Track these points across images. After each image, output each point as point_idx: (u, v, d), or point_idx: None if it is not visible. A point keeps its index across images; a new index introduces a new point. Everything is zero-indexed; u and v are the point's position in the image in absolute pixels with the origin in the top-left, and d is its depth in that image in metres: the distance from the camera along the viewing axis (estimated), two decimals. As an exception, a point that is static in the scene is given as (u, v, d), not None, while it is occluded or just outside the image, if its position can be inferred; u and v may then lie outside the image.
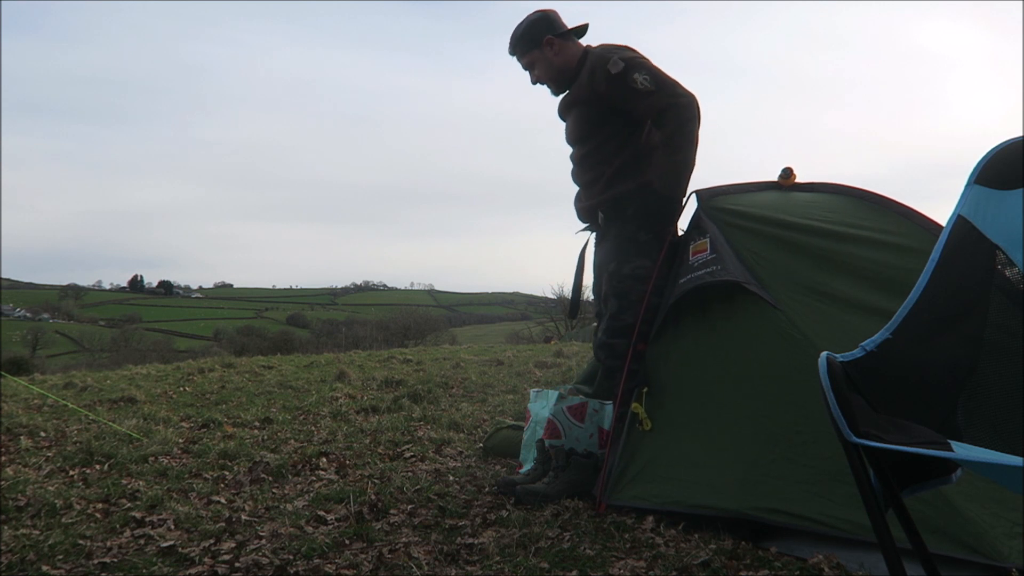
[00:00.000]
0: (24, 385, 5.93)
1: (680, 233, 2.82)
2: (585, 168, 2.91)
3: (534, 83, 2.97)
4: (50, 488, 2.98)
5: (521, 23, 2.90)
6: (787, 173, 2.86)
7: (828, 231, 2.50)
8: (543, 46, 2.85)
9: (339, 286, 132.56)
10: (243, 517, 2.57)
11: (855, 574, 1.94)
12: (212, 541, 2.35)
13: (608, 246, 2.92)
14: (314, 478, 3.13)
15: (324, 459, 3.42)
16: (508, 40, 2.95)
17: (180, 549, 2.27)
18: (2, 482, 3.04)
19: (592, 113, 2.81)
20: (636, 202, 2.80)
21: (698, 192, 2.76)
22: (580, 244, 3.11)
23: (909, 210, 2.54)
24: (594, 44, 2.90)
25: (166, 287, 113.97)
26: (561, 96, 3.00)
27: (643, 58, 2.74)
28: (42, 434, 4.13)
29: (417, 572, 2.05)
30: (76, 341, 62.33)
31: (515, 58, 2.97)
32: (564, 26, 2.89)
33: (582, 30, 2.92)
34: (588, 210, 2.94)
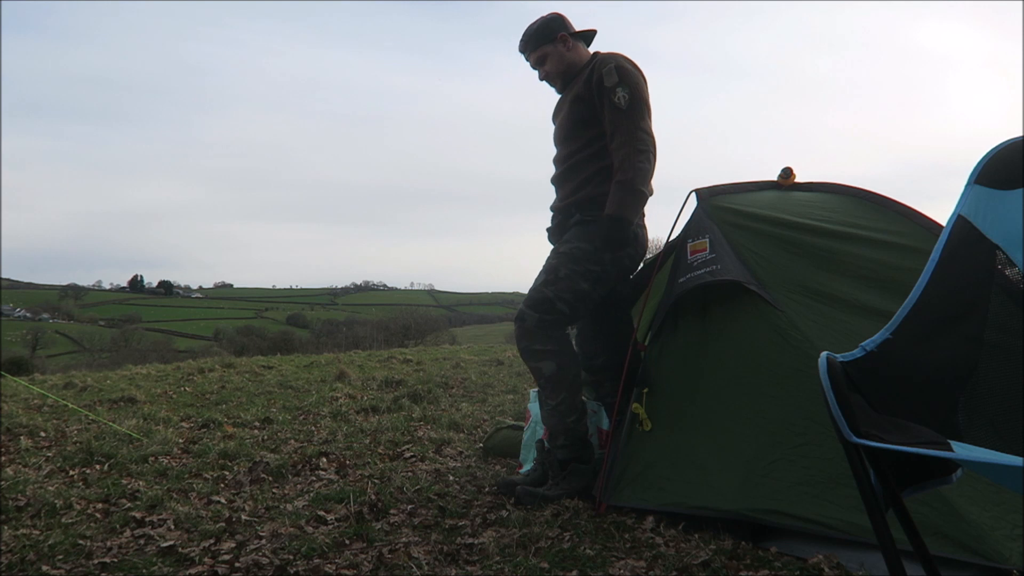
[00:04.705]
0: (24, 385, 5.93)
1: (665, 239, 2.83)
2: (567, 168, 2.92)
3: (542, 78, 3.05)
4: (50, 488, 2.98)
5: (535, 21, 3.02)
6: (787, 173, 2.86)
7: (828, 231, 2.50)
8: (556, 41, 2.96)
9: (339, 286, 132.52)
10: (243, 517, 2.57)
11: (855, 574, 1.94)
12: (212, 541, 2.35)
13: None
14: (314, 478, 3.13)
15: (324, 459, 3.42)
16: (520, 38, 3.03)
17: (180, 549, 2.27)
18: (2, 482, 3.04)
19: (584, 111, 2.85)
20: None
21: (698, 191, 2.75)
22: None
23: (909, 210, 2.54)
24: (603, 51, 2.97)
25: (166, 287, 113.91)
26: (560, 98, 3.07)
27: (637, 78, 2.81)
28: (42, 434, 4.13)
29: (417, 572, 2.05)
30: (76, 341, 62.29)
31: (525, 55, 3.04)
32: (574, 29, 3.01)
33: (590, 35, 3.04)
34: (564, 209, 2.93)
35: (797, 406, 2.20)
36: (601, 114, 2.79)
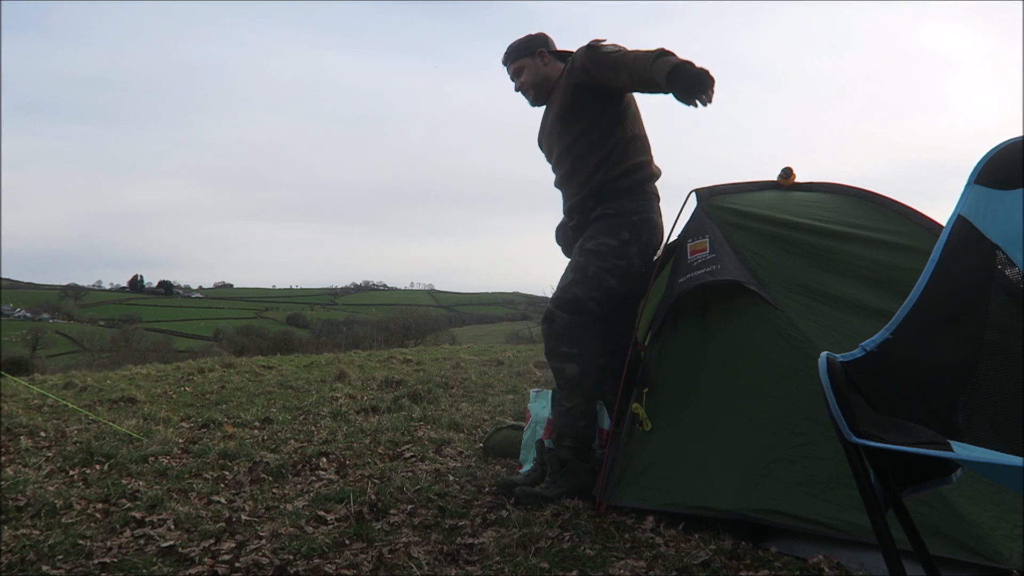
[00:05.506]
0: (24, 385, 5.93)
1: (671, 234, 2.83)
2: (571, 162, 2.93)
3: (517, 89, 3.16)
4: (50, 488, 2.98)
5: (521, 37, 3.16)
6: (787, 173, 2.86)
7: (828, 231, 2.50)
8: (535, 56, 3.10)
9: (339, 286, 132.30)
10: (243, 517, 2.57)
11: (855, 574, 1.94)
12: (212, 541, 2.35)
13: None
14: (314, 478, 3.13)
15: (324, 459, 3.42)
16: (504, 51, 3.16)
17: (180, 549, 2.27)
18: (2, 482, 3.04)
19: (579, 95, 2.88)
20: (628, 180, 2.86)
21: (697, 191, 2.75)
22: None
23: (909, 210, 2.54)
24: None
25: (166, 287, 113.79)
26: (541, 119, 3.15)
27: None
28: (42, 434, 4.14)
29: (417, 572, 2.05)
30: (76, 341, 62.20)
31: (506, 66, 3.17)
32: (555, 48, 3.14)
33: (570, 56, 3.10)
34: (580, 203, 2.93)
35: (797, 406, 2.20)
36: (598, 74, 2.78)
